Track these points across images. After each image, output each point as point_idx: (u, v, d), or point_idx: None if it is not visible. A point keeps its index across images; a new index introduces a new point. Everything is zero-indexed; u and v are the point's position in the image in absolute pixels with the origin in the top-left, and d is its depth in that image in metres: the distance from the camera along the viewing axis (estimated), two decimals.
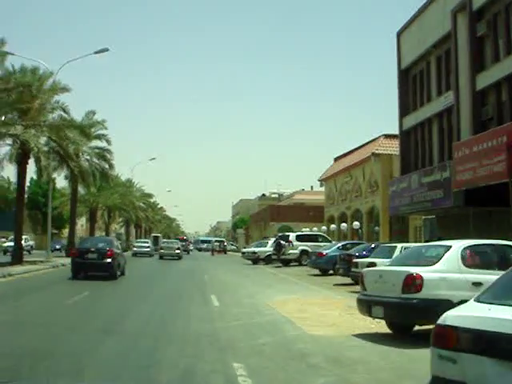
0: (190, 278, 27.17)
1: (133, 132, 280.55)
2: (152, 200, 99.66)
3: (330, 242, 39.30)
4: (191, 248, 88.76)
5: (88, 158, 45.91)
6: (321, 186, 61.67)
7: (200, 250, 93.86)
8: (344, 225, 46.20)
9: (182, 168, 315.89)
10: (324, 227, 51.49)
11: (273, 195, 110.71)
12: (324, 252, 30.69)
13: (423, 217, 36.68)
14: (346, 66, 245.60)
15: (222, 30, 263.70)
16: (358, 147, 51.14)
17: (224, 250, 78.03)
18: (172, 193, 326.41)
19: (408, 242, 32.28)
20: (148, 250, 56.43)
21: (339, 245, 31.44)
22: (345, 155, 55.81)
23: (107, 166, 47.39)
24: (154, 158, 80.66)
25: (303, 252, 38.16)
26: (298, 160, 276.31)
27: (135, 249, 56.98)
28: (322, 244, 38.33)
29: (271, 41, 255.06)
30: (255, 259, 43.31)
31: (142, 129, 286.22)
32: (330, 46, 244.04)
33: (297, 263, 38.45)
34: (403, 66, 35.88)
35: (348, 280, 23.62)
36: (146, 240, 66.46)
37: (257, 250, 43.73)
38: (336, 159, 59.37)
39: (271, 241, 44.07)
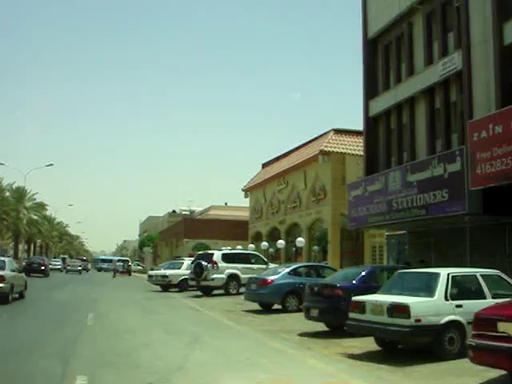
0: (62, 322, 16.38)
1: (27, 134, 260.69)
2: (48, 213, 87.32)
3: (266, 263, 29.97)
4: (89, 268, 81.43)
5: None
6: (245, 196, 52.18)
7: (100, 270, 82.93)
8: (281, 242, 36.72)
9: (85, 181, 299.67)
10: (251, 245, 41.82)
11: (183, 212, 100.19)
12: (269, 279, 21.18)
13: (386, 233, 28.06)
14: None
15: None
16: (297, 147, 42.16)
17: (128, 272, 67.63)
18: (75, 209, 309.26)
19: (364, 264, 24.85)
20: (59, 267, 69.63)
21: (288, 269, 21.93)
22: (277, 159, 46.77)
23: None
24: (51, 164, 68.97)
25: (231, 277, 28.63)
26: (211, 174, 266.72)
27: (51, 266, 60.91)
28: (255, 266, 29.21)
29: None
30: (166, 285, 33.31)
31: (38, 130, 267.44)
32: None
33: (222, 291, 28.85)
34: (371, 34, 27.01)
35: (319, 326, 14.53)
36: (58, 260, 78.18)
37: (168, 272, 33.53)
38: (265, 165, 50.28)
39: (186, 261, 34.14)
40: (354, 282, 15.12)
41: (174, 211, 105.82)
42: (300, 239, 32.99)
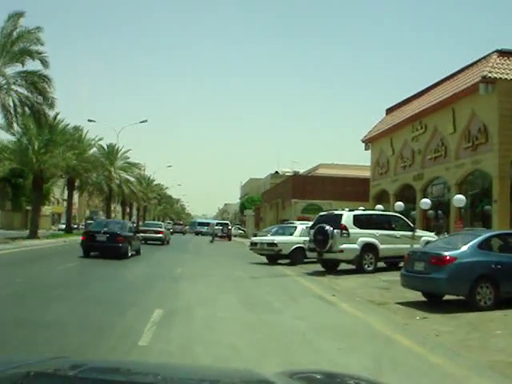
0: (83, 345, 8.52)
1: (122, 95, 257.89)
2: (142, 172, 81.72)
3: (412, 229, 21.90)
4: (185, 231, 78.91)
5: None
6: (366, 149, 43.44)
7: (197, 233, 76.99)
8: (426, 201, 27.95)
9: (183, 143, 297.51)
10: (379, 206, 33.28)
11: (287, 173, 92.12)
12: (448, 255, 12.83)
13: None
14: None
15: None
16: (438, 82, 33.04)
17: (228, 236, 60.86)
18: (174, 171, 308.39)
19: None
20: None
21: (477, 240, 13.41)
22: (408, 101, 37.70)
23: (41, 100, 29.53)
24: (145, 121, 62.66)
25: (367, 247, 20.60)
26: (314, 135, 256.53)
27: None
28: (398, 233, 21.40)
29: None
30: (274, 255, 25.68)
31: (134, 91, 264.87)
32: None
33: (350, 266, 20.95)
34: None
35: None
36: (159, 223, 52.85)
37: (278, 239, 25.76)
38: (390, 110, 41.34)
39: (301, 226, 26.30)
40: None
41: (276, 172, 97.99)
42: (459, 197, 24.19)
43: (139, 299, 12.78)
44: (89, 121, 54.53)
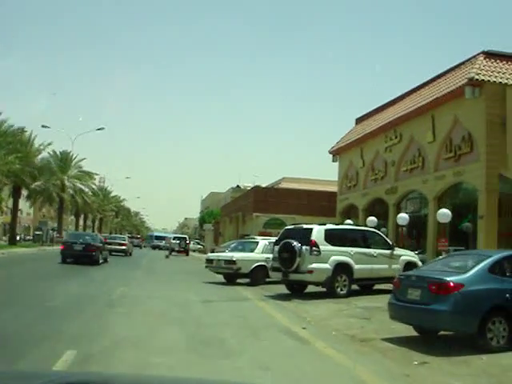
0: None
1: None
2: (100, 182, 78.04)
3: (390, 247, 19.35)
4: (143, 245, 76.39)
5: None
6: (333, 160, 40.76)
7: (154, 248, 73.69)
8: (404, 216, 25.28)
9: (144, 156, 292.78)
10: (348, 221, 30.51)
11: (248, 188, 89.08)
12: (452, 281, 9.99)
13: None
14: None
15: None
16: (416, 88, 30.62)
17: (186, 251, 57.57)
18: (134, 184, 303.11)
19: None
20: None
21: (487, 262, 10.57)
22: (380, 109, 35.29)
23: None
24: (102, 128, 59.96)
25: (340, 267, 17.77)
26: (278, 148, 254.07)
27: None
28: (375, 251, 18.86)
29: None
30: (232, 274, 22.71)
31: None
32: None
33: (322, 289, 18.12)
34: None
35: None
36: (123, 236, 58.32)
37: (237, 256, 22.77)
38: (361, 119, 38.89)
39: (263, 241, 23.37)
40: None
41: (237, 186, 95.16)
42: (444, 211, 21.55)
43: (53, 332, 9.70)
44: (42, 127, 51.13)
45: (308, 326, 12.43)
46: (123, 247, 44.05)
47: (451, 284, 9.94)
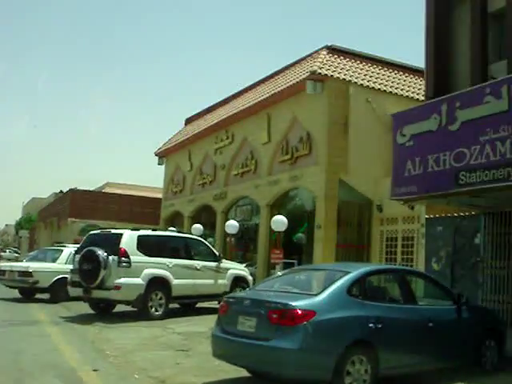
0: None
1: None
2: None
3: (217, 259, 16.53)
4: None
5: None
6: (159, 163, 37.40)
7: None
8: (233, 223, 22.56)
9: None
10: (172, 228, 27.35)
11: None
12: (300, 307, 7.08)
13: (425, 216, 15.23)
14: None
15: None
16: (252, 86, 28.27)
17: None
18: None
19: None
20: None
21: (347, 279, 7.81)
22: (211, 109, 32.65)
23: None
24: None
25: (154, 283, 14.62)
26: (105, 154, 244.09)
27: None
28: (199, 264, 16.12)
29: None
30: (29, 289, 18.68)
31: None
32: None
33: (129, 307, 14.79)
34: None
35: None
36: None
37: (34, 266, 18.75)
38: (190, 120, 36.05)
39: (69, 249, 19.52)
40: None
41: (61, 191, 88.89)
42: (279, 218, 19.01)
43: None
44: None
45: (104, 364, 9.06)
46: None
47: (299, 311, 7.04)
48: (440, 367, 8.54)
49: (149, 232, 15.81)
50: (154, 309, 14.53)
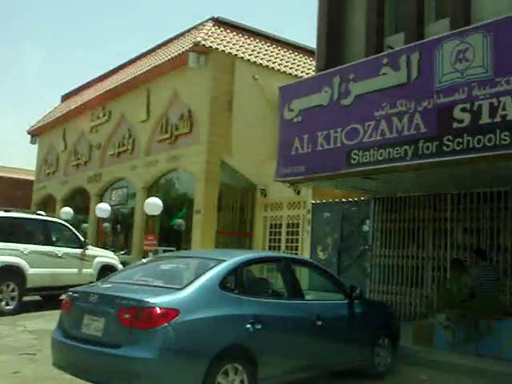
0: None
1: None
2: None
3: (82, 245, 14.78)
4: None
5: None
6: (32, 142, 34.59)
7: None
8: (104, 206, 20.74)
9: None
10: (41, 212, 25.00)
11: None
12: (158, 305, 5.56)
13: (311, 201, 14.40)
14: None
15: None
16: (139, 56, 26.34)
17: None
18: None
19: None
20: None
21: (218, 270, 6.29)
22: (89, 84, 30.41)
23: None
24: None
25: (6, 273, 12.75)
26: None
27: None
28: (59, 251, 14.35)
29: None
30: None
31: None
32: None
33: None
34: None
35: None
36: None
37: None
38: (68, 96, 33.56)
39: None
40: None
41: None
42: (153, 200, 17.27)
43: None
44: None
45: None
46: None
47: (157, 310, 5.50)
48: (331, 371, 7.35)
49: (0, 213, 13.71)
50: (4, 302, 12.62)
